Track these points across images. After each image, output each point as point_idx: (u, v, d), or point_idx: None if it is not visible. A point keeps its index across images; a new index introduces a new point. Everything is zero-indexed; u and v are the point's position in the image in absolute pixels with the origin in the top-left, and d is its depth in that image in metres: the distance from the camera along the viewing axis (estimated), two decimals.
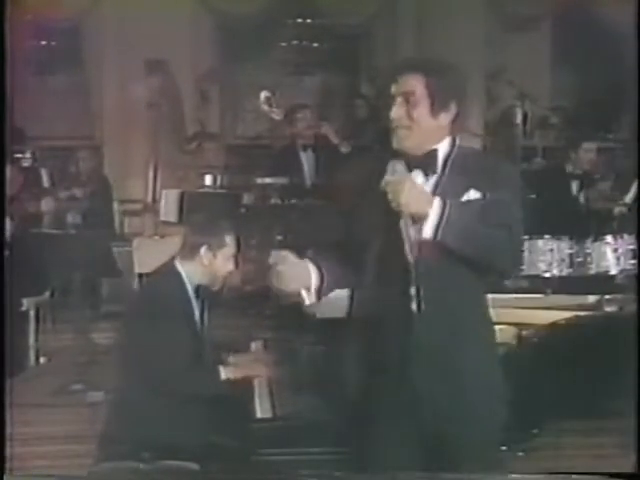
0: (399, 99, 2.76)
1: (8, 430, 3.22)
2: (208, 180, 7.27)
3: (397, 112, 2.76)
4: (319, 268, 2.80)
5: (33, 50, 8.95)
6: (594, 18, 9.38)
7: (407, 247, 2.67)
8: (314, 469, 3.21)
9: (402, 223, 2.67)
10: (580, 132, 7.69)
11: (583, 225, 6.64)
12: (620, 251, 6.03)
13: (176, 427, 3.52)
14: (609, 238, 6.09)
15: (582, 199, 7.01)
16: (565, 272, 5.94)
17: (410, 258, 2.67)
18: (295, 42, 10.10)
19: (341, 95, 10.02)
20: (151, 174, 7.45)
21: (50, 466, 4.36)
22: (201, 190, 7.25)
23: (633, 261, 5.96)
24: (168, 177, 7.55)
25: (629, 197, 6.98)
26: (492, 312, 2.93)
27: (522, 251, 3.01)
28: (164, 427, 3.51)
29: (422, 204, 2.65)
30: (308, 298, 2.78)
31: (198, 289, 3.71)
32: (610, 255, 6.03)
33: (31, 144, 8.18)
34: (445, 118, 2.79)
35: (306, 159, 7.27)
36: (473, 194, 2.72)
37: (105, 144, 8.85)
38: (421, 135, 2.77)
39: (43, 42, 9.36)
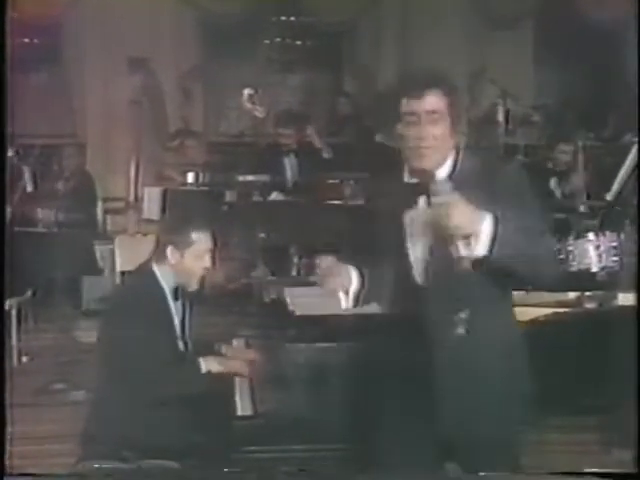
0: (424, 116, 2.68)
1: None
2: (190, 178, 7.25)
3: (425, 131, 2.68)
4: (362, 276, 2.81)
5: (15, 48, 8.89)
6: (577, 17, 9.41)
7: (455, 266, 2.58)
8: (295, 466, 3.21)
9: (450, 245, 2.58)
10: (560, 130, 7.72)
11: (565, 222, 6.66)
12: (602, 248, 6.04)
13: (157, 426, 3.50)
14: (591, 235, 6.10)
15: (564, 197, 7.04)
16: None
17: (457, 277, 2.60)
18: (279, 40, 10.09)
19: (324, 93, 10.02)
20: (133, 172, 7.44)
21: (32, 465, 4.33)
22: (183, 188, 7.23)
23: (615, 258, 5.98)
24: (150, 175, 7.53)
25: (611, 195, 7.00)
26: None
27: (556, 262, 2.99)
28: (145, 426, 3.50)
29: (475, 223, 2.55)
30: (345, 301, 2.82)
31: (177, 291, 3.66)
32: (592, 252, 6.05)
33: (13, 142, 8.14)
34: (457, 137, 2.76)
35: (288, 162, 7.28)
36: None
37: (87, 142, 8.83)
38: (441, 155, 2.73)
39: (25, 40, 9.31)
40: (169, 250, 3.63)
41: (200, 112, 9.33)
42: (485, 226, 2.56)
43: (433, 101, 2.70)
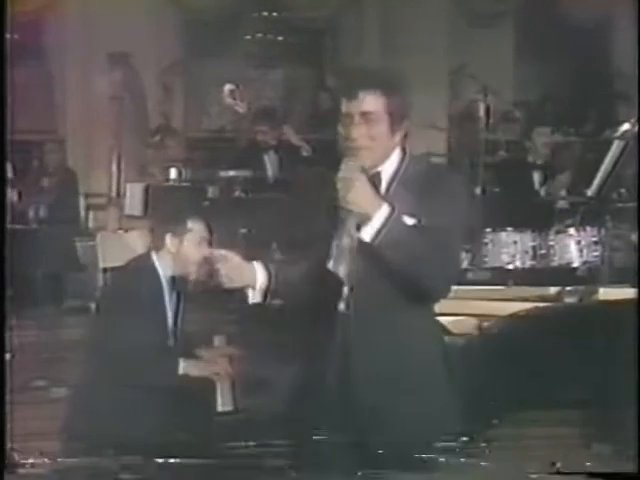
0: (357, 118, 2.70)
1: None
2: (173, 173, 7.24)
3: (358, 132, 2.70)
4: (267, 269, 2.83)
5: None
6: (557, 13, 9.46)
7: (344, 246, 2.61)
8: (276, 461, 3.21)
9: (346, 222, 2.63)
10: (541, 126, 7.77)
11: (546, 217, 6.70)
12: (583, 243, 6.09)
13: (138, 422, 3.50)
14: (572, 230, 6.14)
15: (545, 192, 7.08)
16: (528, 264, 5.99)
17: (345, 258, 2.62)
18: (260, 35, 10.09)
19: (305, 88, 10.03)
20: (115, 168, 7.42)
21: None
22: (166, 184, 7.22)
23: (596, 253, 6.02)
24: (132, 171, 7.51)
25: (591, 190, 7.04)
26: (453, 304, 2.94)
27: (451, 278, 2.85)
28: (126, 423, 3.50)
29: (369, 205, 2.61)
30: (252, 297, 2.83)
31: (173, 281, 3.69)
32: (573, 247, 6.09)
33: None
34: (399, 136, 2.76)
35: (268, 158, 7.29)
36: (409, 220, 2.66)
37: (68, 138, 8.79)
38: (379, 154, 2.75)
39: (6, 35, 9.25)
40: (168, 237, 3.67)
41: (181, 108, 9.32)
42: (379, 214, 2.60)
43: (369, 102, 2.71)
